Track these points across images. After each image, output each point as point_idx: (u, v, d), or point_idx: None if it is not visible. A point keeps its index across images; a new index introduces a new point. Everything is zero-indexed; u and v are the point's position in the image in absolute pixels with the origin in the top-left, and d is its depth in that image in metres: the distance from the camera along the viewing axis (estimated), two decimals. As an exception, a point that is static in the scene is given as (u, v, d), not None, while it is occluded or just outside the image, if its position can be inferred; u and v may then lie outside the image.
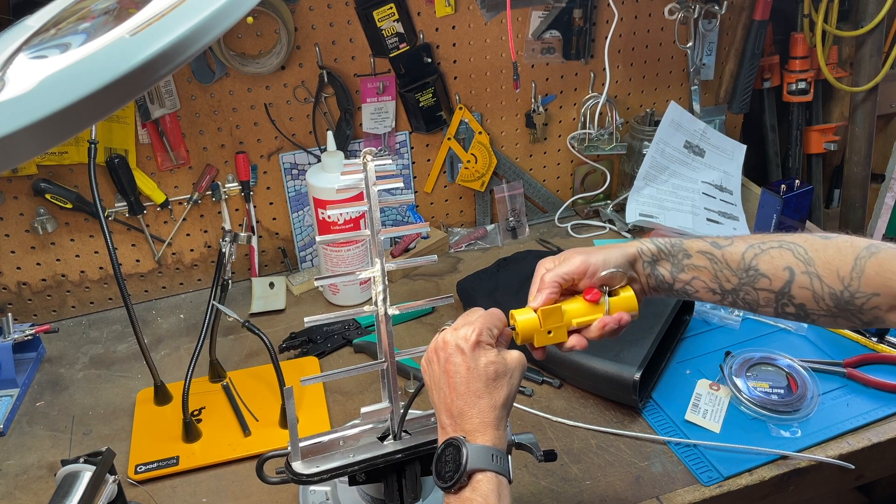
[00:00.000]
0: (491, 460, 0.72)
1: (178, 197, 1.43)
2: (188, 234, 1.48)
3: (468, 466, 0.71)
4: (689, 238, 0.89)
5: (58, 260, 1.41)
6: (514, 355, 0.79)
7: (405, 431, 0.94)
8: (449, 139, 1.55)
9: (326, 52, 1.40)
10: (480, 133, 1.56)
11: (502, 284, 1.37)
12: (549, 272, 0.84)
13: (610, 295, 0.85)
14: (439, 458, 0.75)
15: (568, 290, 0.86)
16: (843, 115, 1.78)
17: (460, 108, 1.53)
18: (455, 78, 1.51)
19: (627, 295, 0.85)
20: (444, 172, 1.60)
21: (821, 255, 0.82)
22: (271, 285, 1.49)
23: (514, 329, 0.83)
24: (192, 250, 1.49)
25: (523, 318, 0.83)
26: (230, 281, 1.21)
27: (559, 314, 0.83)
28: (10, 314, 1.27)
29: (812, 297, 0.82)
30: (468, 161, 1.58)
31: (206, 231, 1.49)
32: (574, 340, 0.84)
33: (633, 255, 0.86)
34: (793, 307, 0.84)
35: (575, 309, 0.84)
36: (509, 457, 0.76)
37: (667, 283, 0.88)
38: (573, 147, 1.63)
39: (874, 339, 1.26)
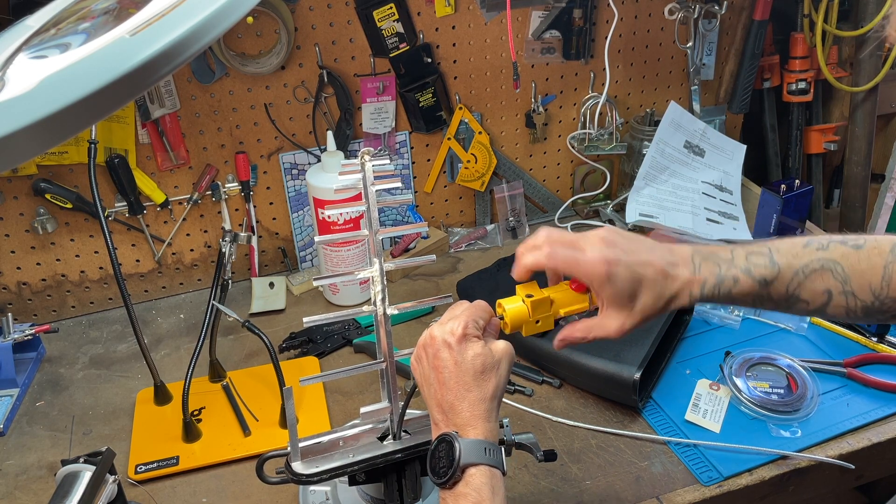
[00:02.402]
0: (483, 454, 0.73)
1: (178, 197, 1.43)
2: (188, 234, 1.48)
3: (461, 461, 0.72)
4: (739, 273, 0.80)
5: (58, 260, 1.41)
6: (501, 345, 0.79)
7: (405, 431, 0.94)
8: (449, 139, 1.55)
9: (326, 52, 1.40)
10: (480, 133, 1.56)
11: (502, 284, 1.37)
12: (558, 255, 0.79)
13: None
14: (433, 455, 0.76)
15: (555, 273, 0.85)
16: (843, 115, 1.78)
17: (460, 108, 1.53)
18: (455, 78, 1.51)
19: None
20: (444, 172, 1.60)
21: (855, 268, 0.80)
22: (271, 285, 1.49)
23: (502, 319, 0.83)
24: (192, 250, 1.49)
25: (512, 307, 0.83)
26: (230, 281, 1.21)
27: (548, 304, 0.83)
28: (10, 314, 1.27)
29: (845, 313, 0.81)
30: (468, 161, 1.58)
31: (206, 231, 1.49)
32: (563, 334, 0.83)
33: (675, 294, 0.78)
34: (823, 316, 0.84)
35: (562, 298, 0.84)
36: (502, 448, 0.76)
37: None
38: (573, 147, 1.63)
39: (874, 339, 1.26)
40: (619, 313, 0.78)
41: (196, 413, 1.18)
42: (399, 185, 0.92)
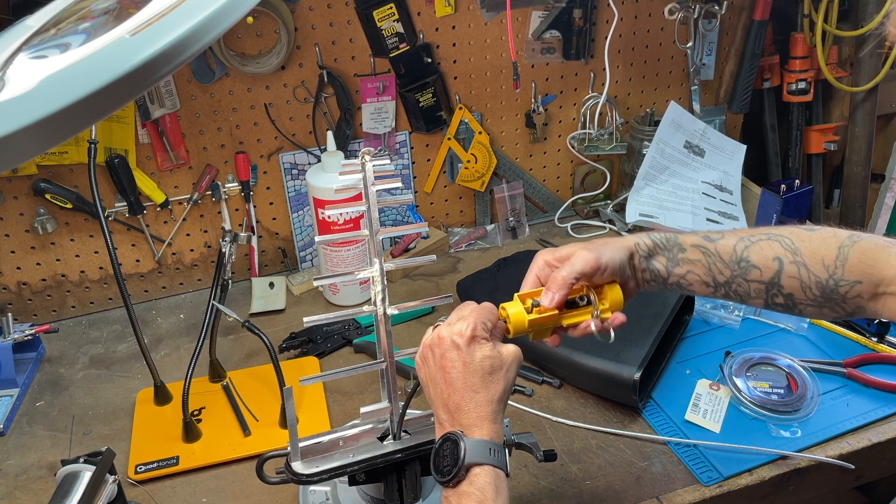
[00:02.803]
0: (489, 454, 0.73)
1: (178, 197, 1.43)
2: (188, 234, 1.48)
3: (466, 460, 0.72)
4: (683, 233, 0.90)
5: (58, 260, 1.41)
6: (510, 349, 0.80)
7: (405, 431, 0.94)
8: (449, 139, 1.55)
9: (326, 52, 1.40)
10: (480, 133, 1.56)
11: (502, 284, 1.37)
12: (563, 270, 0.83)
13: (595, 289, 0.86)
14: (437, 453, 0.76)
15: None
16: (843, 115, 1.78)
17: (460, 108, 1.53)
18: (455, 78, 1.51)
19: (614, 290, 0.86)
20: (444, 172, 1.60)
21: (806, 245, 0.85)
22: (271, 285, 1.49)
23: (505, 323, 0.83)
24: (192, 250, 1.49)
25: (514, 310, 0.83)
26: (230, 281, 1.21)
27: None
28: (10, 314, 1.27)
29: (800, 287, 0.85)
30: (468, 161, 1.58)
31: (206, 231, 1.49)
32: (552, 339, 0.87)
33: (631, 249, 0.88)
34: (781, 297, 0.86)
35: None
36: (507, 450, 0.77)
37: (661, 276, 0.89)
38: (573, 147, 1.63)
39: (874, 339, 1.26)
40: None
41: (196, 413, 1.18)
42: (400, 185, 0.92)
